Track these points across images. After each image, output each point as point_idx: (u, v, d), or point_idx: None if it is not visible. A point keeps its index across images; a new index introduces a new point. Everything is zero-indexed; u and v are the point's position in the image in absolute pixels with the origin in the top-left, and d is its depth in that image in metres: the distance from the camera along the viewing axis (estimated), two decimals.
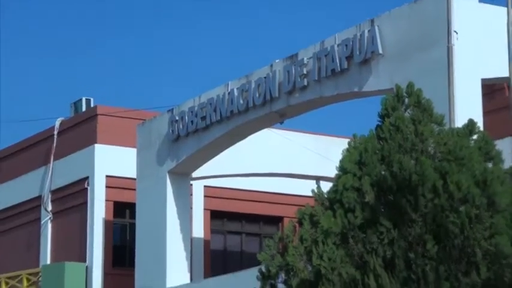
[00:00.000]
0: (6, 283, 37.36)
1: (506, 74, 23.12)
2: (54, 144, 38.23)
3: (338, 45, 26.96)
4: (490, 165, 19.80)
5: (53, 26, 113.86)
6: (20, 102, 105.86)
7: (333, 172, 20.93)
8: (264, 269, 21.26)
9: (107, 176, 36.23)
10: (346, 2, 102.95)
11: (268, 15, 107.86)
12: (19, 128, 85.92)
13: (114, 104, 38.62)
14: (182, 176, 32.89)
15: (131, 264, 33.98)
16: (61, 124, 38.64)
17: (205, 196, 35.26)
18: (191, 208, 33.72)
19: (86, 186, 36.82)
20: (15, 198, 39.92)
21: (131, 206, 34.80)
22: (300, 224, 20.80)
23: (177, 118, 32.14)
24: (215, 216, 36.23)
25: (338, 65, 27.07)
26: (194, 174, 33.36)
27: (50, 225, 38.34)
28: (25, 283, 36.89)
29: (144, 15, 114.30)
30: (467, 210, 18.84)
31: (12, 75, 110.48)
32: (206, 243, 35.31)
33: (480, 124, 21.69)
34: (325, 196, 20.68)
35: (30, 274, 36.96)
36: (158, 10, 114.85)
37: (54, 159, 37.64)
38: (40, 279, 36.41)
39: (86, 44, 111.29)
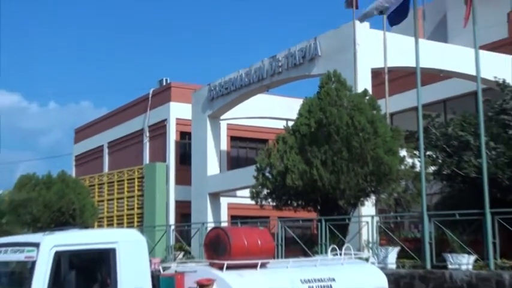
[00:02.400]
0: (128, 173, 37.42)
1: (382, 65, 23.26)
2: (149, 102, 38.09)
3: (298, 51, 26.80)
4: (374, 112, 20.05)
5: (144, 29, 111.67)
6: (131, 79, 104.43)
7: (295, 115, 21.07)
8: (258, 166, 21.40)
9: (176, 118, 36.16)
10: (304, 20, 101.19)
11: (264, 28, 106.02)
12: (132, 93, 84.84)
13: (180, 80, 38.34)
14: (215, 119, 32.77)
15: (189, 163, 34.04)
16: (153, 91, 38.43)
17: (227, 128, 34.99)
18: (219, 135, 33.70)
19: (165, 123, 36.80)
20: (131, 129, 39.75)
21: (189, 134, 34.58)
22: (277, 142, 21.00)
23: (212, 88, 31.96)
24: (233, 139, 35.98)
25: (297, 61, 26.95)
26: (222, 117, 33.29)
27: (148, 144, 38.26)
28: (136, 173, 36.85)
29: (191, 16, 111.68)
30: (363, 135, 19.21)
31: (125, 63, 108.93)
32: (228, 153, 35.19)
33: (370, 91, 21.86)
34: (291, 128, 20.89)
35: (139, 168, 37.01)
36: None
37: (150, 110, 37.69)
38: (144, 171, 36.58)
39: (165, 42, 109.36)
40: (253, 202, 22.39)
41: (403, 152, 20.64)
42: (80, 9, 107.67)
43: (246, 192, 23.81)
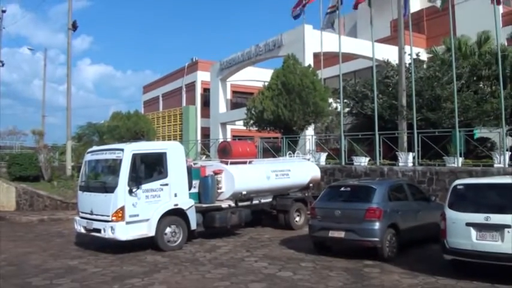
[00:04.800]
0: (173, 111, 36.80)
1: (319, 50, 22.77)
2: (185, 71, 37.01)
3: (271, 41, 26.20)
4: (315, 77, 19.80)
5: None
6: (175, 57, 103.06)
7: (269, 79, 20.64)
8: (248, 107, 21.00)
9: (201, 80, 35.47)
10: (278, 18, 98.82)
11: (255, 25, 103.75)
12: (175, 65, 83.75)
13: (204, 58, 37.48)
14: (224, 81, 31.98)
15: (209, 106, 33.55)
16: (187, 64, 37.47)
17: (231, 86, 34.00)
18: (226, 90, 33.10)
19: (195, 83, 36.09)
20: (175, 86, 38.79)
21: (208, 89, 33.80)
22: (259, 94, 20.67)
23: (222, 63, 31.09)
24: (234, 92, 35.09)
25: (270, 47, 26.37)
26: (227, 80, 32.59)
27: (184, 95, 37.58)
28: (178, 111, 36.24)
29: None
30: (308, 90, 18.97)
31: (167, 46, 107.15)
32: (231, 100, 34.33)
33: (312, 65, 21.55)
34: (267, 86, 20.52)
35: (180, 109, 36.44)
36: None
37: (186, 75, 37.38)
38: (182, 111, 36.25)
39: (195, 33, 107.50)
40: (245, 128, 22.25)
41: (330, 100, 20.56)
42: (146, 12, 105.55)
43: (241, 122, 23.72)
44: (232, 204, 12.29)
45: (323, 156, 18.35)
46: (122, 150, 10.35)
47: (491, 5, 14.89)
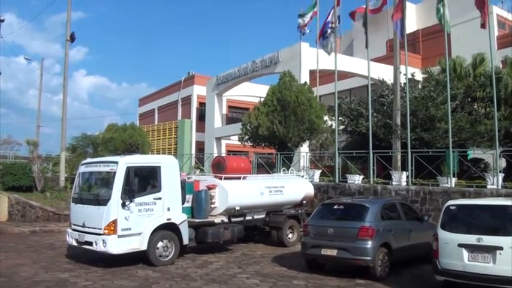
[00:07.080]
0: (169, 125, 36.84)
1: (315, 68, 22.93)
2: (182, 84, 37.30)
3: (267, 58, 26.42)
4: (310, 94, 19.86)
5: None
6: (171, 70, 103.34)
7: (265, 95, 20.73)
8: (243, 122, 21.07)
9: (197, 94, 35.49)
10: (273, 38, 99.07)
11: (252, 42, 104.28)
12: (172, 79, 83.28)
13: (200, 72, 37.59)
14: (219, 95, 32.05)
15: (204, 120, 33.42)
16: (184, 78, 37.79)
17: (227, 101, 34.08)
18: (222, 104, 33.16)
19: (191, 97, 36.07)
20: (171, 100, 39.02)
21: (204, 103, 33.82)
22: (254, 109, 20.69)
23: (218, 78, 31.13)
24: (230, 107, 35.17)
25: (267, 63, 26.58)
26: (223, 95, 32.62)
27: (180, 108, 37.57)
28: (173, 125, 36.17)
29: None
30: (303, 107, 19.05)
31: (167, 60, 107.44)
32: (227, 115, 34.39)
33: (308, 82, 21.64)
34: (262, 102, 20.59)
35: (175, 122, 36.38)
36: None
37: (182, 89, 37.32)
38: (178, 124, 36.21)
39: (192, 48, 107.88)
40: (239, 143, 22.26)
41: (326, 117, 20.63)
42: (144, 21, 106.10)
43: (236, 137, 23.74)
44: (225, 220, 12.23)
45: (317, 173, 18.30)
46: (116, 163, 10.33)
47: (487, 27, 15.11)
